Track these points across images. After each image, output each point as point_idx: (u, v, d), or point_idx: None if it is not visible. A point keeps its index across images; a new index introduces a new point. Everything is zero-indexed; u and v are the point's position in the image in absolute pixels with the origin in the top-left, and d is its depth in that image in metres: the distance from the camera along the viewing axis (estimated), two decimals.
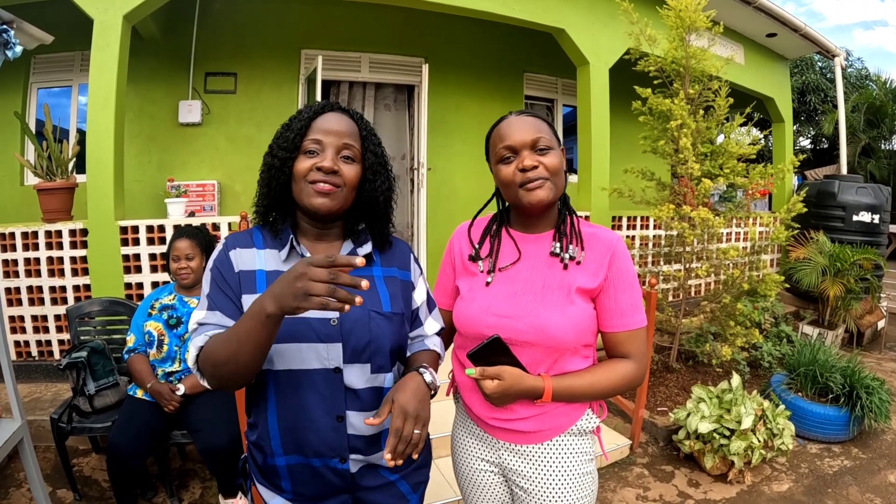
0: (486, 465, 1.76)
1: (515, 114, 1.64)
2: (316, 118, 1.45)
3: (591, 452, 1.68)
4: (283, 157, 1.43)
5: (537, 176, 1.54)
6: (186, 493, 3.54)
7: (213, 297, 1.43)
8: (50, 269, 4.51)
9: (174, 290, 3.29)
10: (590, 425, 1.66)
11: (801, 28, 7.85)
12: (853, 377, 4.43)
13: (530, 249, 1.66)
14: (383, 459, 1.39)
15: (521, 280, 1.62)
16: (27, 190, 5.64)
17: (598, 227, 1.66)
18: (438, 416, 4.03)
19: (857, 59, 18.35)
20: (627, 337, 1.59)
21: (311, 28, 6.76)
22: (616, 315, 1.58)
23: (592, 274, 1.57)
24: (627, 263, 1.61)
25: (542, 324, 1.53)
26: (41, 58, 6.04)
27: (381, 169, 1.51)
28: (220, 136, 6.39)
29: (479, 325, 1.61)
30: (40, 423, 3.74)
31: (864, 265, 6.64)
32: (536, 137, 1.56)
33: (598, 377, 1.57)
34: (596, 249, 1.59)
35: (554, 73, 8.22)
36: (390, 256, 1.61)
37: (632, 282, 1.60)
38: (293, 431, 1.43)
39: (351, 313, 1.41)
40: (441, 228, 7.18)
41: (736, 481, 3.83)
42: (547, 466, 1.63)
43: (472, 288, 1.69)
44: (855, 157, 13.17)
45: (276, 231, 1.50)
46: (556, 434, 1.62)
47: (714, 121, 4.84)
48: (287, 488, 1.49)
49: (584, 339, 1.58)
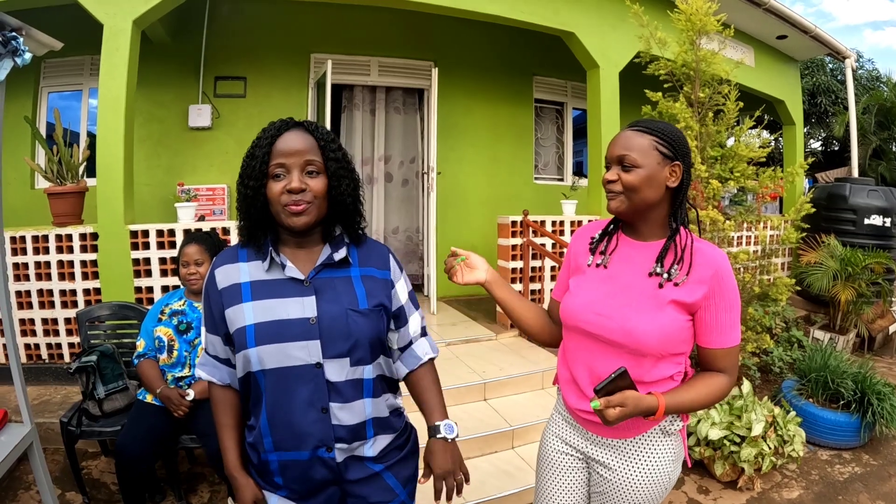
0: (570, 449, 1.90)
1: (630, 127, 1.72)
2: (275, 142, 1.55)
3: (672, 452, 1.78)
4: (254, 186, 1.55)
5: (611, 189, 1.69)
6: (195, 497, 3.55)
7: (205, 316, 1.68)
8: (60, 273, 4.53)
9: (184, 296, 3.29)
10: (674, 427, 1.75)
11: (812, 30, 7.81)
12: (864, 383, 4.40)
13: (633, 255, 1.75)
14: (367, 450, 1.64)
15: (621, 282, 1.72)
16: (38, 194, 5.67)
17: (705, 244, 1.71)
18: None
19: (867, 60, 18.27)
20: (724, 353, 1.69)
21: (321, 32, 6.78)
22: (715, 332, 1.67)
23: (691, 290, 1.64)
24: (730, 282, 1.67)
25: (631, 327, 1.63)
26: (51, 62, 6.07)
27: (344, 172, 1.60)
28: (230, 140, 6.41)
29: (578, 319, 1.75)
30: (49, 425, 3.75)
31: (876, 269, 6.59)
32: (623, 154, 1.66)
33: (700, 392, 1.67)
34: (698, 264, 1.65)
35: (564, 76, 8.21)
36: (368, 256, 1.71)
37: (733, 301, 1.67)
38: (284, 424, 1.55)
39: (329, 312, 1.57)
40: (450, 231, 7.19)
41: (746, 488, 3.81)
42: (628, 458, 1.76)
43: (578, 284, 1.83)
44: (866, 160, 13.08)
45: (258, 246, 1.63)
46: (640, 431, 1.74)
47: (724, 124, 4.81)
48: (280, 483, 1.62)
49: (671, 349, 1.66)
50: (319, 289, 1.59)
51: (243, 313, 1.55)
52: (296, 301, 1.56)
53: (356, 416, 1.59)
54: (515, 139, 7.94)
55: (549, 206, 6.85)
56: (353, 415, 1.58)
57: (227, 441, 1.67)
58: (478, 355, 5.03)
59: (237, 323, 1.55)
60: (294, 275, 1.58)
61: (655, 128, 1.68)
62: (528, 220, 5.65)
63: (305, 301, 1.56)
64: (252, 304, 1.56)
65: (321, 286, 1.59)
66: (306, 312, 1.55)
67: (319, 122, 2.66)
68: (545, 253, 5.57)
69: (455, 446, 1.70)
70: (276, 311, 1.54)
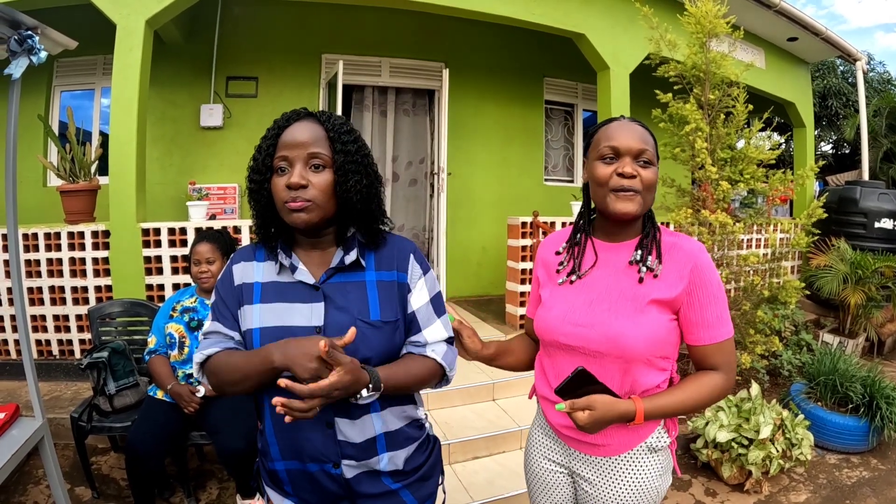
0: (555, 465, 1.82)
1: (628, 119, 1.64)
2: (282, 133, 1.47)
3: (659, 468, 1.68)
4: (258, 180, 1.48)
5: (631, 186, 1.55)
6: (204, 494, 3.57)
7: (216, 309, 1.56)
8: (72, 270, 4.57)
9: (195, 293, 3.32)
10: (661, 443, 1.66)
11: (823, 32, 7.77)
12: (873, 387, 4.38)
13: (609, 257, 1.67)
14: (383, 465, 1.52)
15: (597, 289, 1.64)
16: (50, 191, 5.71)
17: (681, 237, 1.65)
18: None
19: (878, 62, 18.12)
20: (715, 349, 1.59)
21: (332, 33, 6.81)
22: (702, 328, 1.58)
23: (670, 285, 1.56)
24: (711, 274, 1.58)
25: (614, 334, 1.54)
26: (64, 61, 6.12)
27: (353, 167, 1.47)
28: (241, 140, 6.43)
29: (555, 332, 1.65)
30: (60, 421, 3.78)
31: (886, 273, 6.55)
32: (643, 148, 1.56)
33: (689, 393, 1.57)
34: (675, 260, 1.58)
35: (574, 77, 8.20)
36: (386, 257, 1.58)
37: (716, 293, 1.58)
38: (289, 437, 1.48)
39: (336, 322, 1.46)
40: (460, 233, 7.21)
41: (753, 491, 3.81)
42: (613, 476, 1.66)
43: (551, 296, 1.72)
44: (877, 163, 12.98)
45: (270, 246, 1.56)
46: (625, 449, 1.64)
47: (734, 127, 4.81)
48: (290, 492, 1.55)
49: (658, 351, 1.58)
50: (330, 295, 1.49)
51: (252, 315, 1.50)
52: (304, 307, 1.48)
53: (364, 433, 1.48)
54: (525, 140, 7.94)
55: (559, 208, 6.84)
56: (360, 432, 1.48)
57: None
58: None
59: (246, 324, 1.50)
60: (304, 279, 1.50)
61: (647, 127, 1.64)
62: (538, 221, 5.65)
63: (314, 307, 1.48)
64: (261, 306, 1.50)
65: (332, 292, 1.49)
66: (313, 320, 1.46)
67: None
68: None
69: (350, 392, 1.35)
70: (283, 317, 1.47)
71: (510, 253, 5.97)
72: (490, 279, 7.58)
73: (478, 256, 7.59)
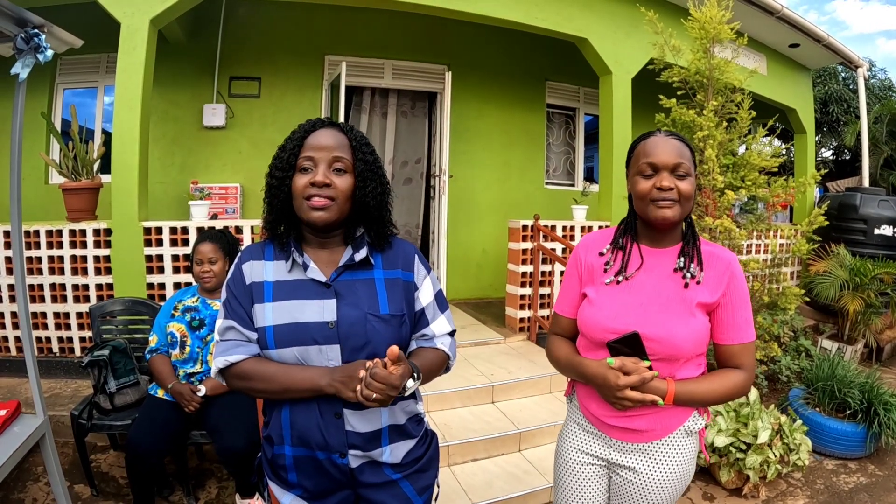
0: (591, 458, 1.90)
1: (664, 133, 1.76)
2: (308, 136, 1.57)
3: (692, 451, 1.81)
4: (280, 176, 1.57)
5: (669, 197, 1.68)
6: (203, 493, 3.58)
7: (229, 307, 1.60)
8: (73, 268, 4.57)
9: (197, 293, 3.33)
10: (696, 426, 1.79)
11: (824, 38, 7.79)
12: (871, 393, 4.39)
13: (654, 263, 1.80)
14: (385, 457, 1.61)
15: (645, 291, 1.75)
16: (52, 189, 5.72)
17: (716, 247, 1.79)
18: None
19: (880, 69, 18.12)
20: (741, 349, 1.73)
21: (335, 34, 6.82)
22: (732, 329, 1.73)
23: (711, 290, 1.71)
24: (743, 281, 1.75)
25: (669, 334, 1.67)
26: (67, 59, 6.12)
27: (371, 175, 1.60)
28: (244, 140, 6.46)
29: (606, 330, 1.73)
30: (60, 418, 3.79)
31: (885, 279, 6.57)
32: (678, 163, 1.68)
33: (714, 385, 1.71)
34: (715, 268, 1.73)
35: (576, 81, 8.22)
36: (393, 258, 1.69)
37: (746, 298, 1.74)
38: (302, 426, 1.55)
39: (348, 317, 1.55)
40: (461, 235, 7.22)
41: (751, 496, 3.81)
42: (653, 460, 1.78)
43: (599, 295, 1.81)
44: (877, 169, 12.99)
45: (281, 244, 1.63)
46: (666, 433, 1.76)
47: (736, 133, 4.81)
48: (293, 481, 1.60)
49: (700, 349, 1.72)
50: (341, 292, 1.57)
51: (264, 313, 1.55)
52: (316, 303, 1.55)
53: (371, 424, 1.57)
54: (527, 144, 7.96)
55: (560, 212, 6.86)
56: (367, 422, 1.57)
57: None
58: (486, 358, 5.04)
59: (258, 322, 1.56)
60: (316, 276, 1.57)
61: (682, 138, 1.74)
62: (538, 224, 5.65)
63: (326, 304, 1.55)
64: (273, 304, 1.56)
65: (343, 289, 1.58)
66: (325, 316, 1.54)
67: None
68: (555, 257, 5.57)
69: (398, 388, 1.43)
70: (295, 314, 1.54)
71: (510, 256, 5.97)
72: (490, 282, 7.59)
73: (478, 259, 7.60)
